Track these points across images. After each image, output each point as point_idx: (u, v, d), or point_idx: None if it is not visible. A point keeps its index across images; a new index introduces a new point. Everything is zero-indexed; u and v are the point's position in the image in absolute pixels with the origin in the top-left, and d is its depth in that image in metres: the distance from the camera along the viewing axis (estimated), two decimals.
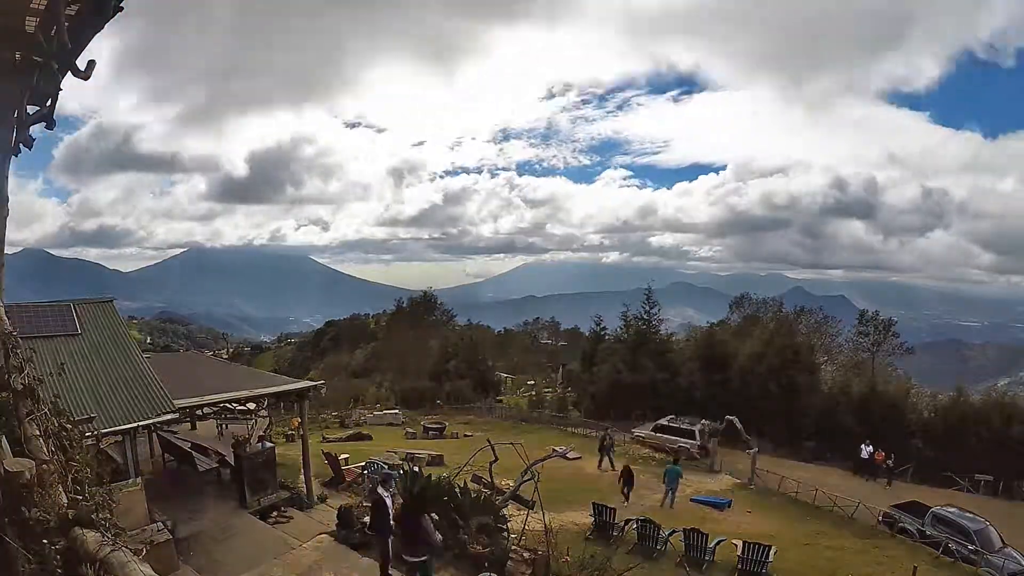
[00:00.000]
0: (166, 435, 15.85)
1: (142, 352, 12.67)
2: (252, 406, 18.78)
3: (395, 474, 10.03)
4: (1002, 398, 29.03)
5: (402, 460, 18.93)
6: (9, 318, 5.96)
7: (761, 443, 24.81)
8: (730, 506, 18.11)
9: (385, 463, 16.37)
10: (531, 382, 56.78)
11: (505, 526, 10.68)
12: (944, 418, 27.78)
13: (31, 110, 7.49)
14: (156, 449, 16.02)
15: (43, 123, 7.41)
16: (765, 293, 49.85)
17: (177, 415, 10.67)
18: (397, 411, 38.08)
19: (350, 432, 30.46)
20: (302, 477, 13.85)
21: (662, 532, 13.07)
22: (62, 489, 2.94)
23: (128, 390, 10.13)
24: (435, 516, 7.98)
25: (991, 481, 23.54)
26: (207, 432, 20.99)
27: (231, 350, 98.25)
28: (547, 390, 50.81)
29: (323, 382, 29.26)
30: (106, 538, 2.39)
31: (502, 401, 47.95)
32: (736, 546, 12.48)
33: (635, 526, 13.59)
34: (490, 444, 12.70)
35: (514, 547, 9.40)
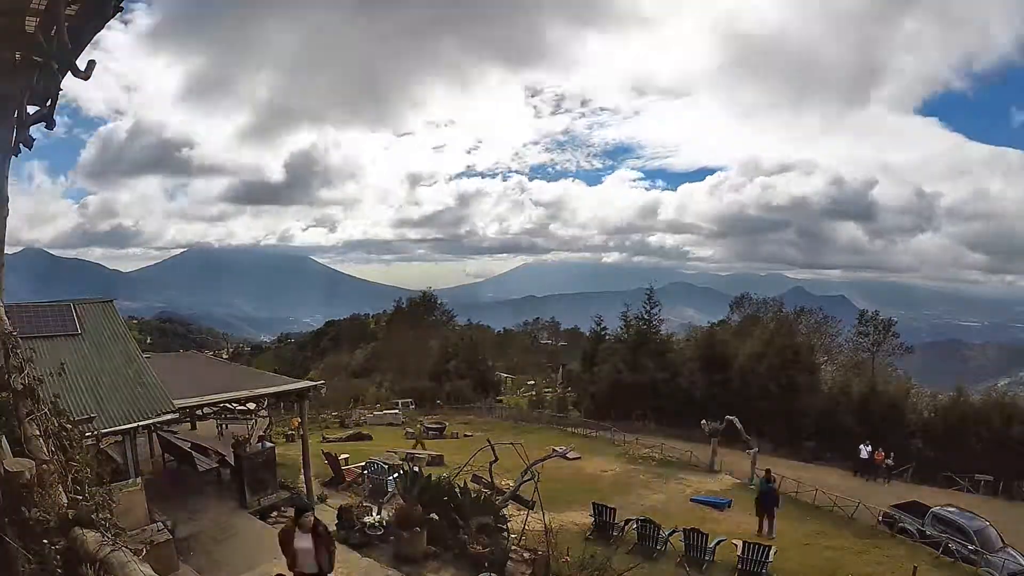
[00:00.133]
0: (166, 435, 15.84)
1: (142, 352, 12.68)
2: (252, 406, 18.78)
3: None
4: (1002, 398, 29.08)
5: (402, 460, 18.93)
6: (9, 318, 5.97)
7: (761, 443, 24.80)
8: (730, 506, 18.09)
9: (385, 463, 16.37)
10: (531, 382, 56.78)
11: (505, 526, 10.67)
12: (944, 418, 27.81)
13: (31, 110, 7.50)
14: (156, 449, 16.00)
15: (43, 123, 7.42)
16: (765, 293, 50.08)
17: (177, 415, 10.68)
18: (397, 411, 38.11)
19: (350, 432, 30.50)
20: (302, 477, 13.87)
21: (662, 532, 13.07)
22: (62, 489, 2.95)
23: (128, 390, 10.13)
24: (435, 516, 7.96)
25: (991, 481, 23.53)
26: (207, 432, 20.94)
27: (231, 350, 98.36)
28: (547, 390, 50.82)
29: (323, 382, 29.32)
30: (106, 538, 2.39)
31: (502, 401, 47.99)
32: (736, 546, 12.48)
33: (635, 526, 13.59)
34: (490, 444, 12.68)
35: (514, 547, 9.40)
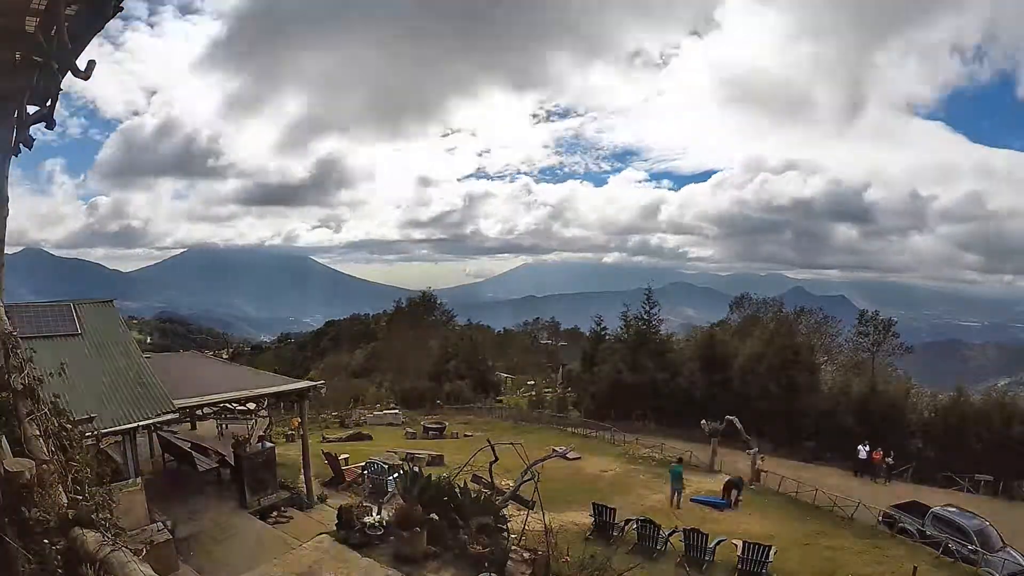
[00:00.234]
0: (166, 435, 15.87)
1: (142, 352, 12.69)
2: (252, 406, 18.80)
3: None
4: (1002, 398, 29.00)
5: (402, 460, 18.94)
6: (9, 318, 5.96)
7: (761, 443, 24.79)
8: (730, 506, 18.12)
9: (385, 463, 16.38)
10: (531, 382, 56.70)
11: (505, 526, 10.65)
12: (944, 418, 27.75)
13: (31, 110, 7.51)
14: (156, 449, 16.02)
15: (43, 123, 7.42)
16: (765, 293, 49.92)
17: (177, 415, 10.69)
18: (397, 411, 38.09)
19: (350, 432, 30.50)
20: (302, 477, 13.88)
21: (662, 532, 13.09)
22: (62, 489, 2.95)
23: (128, 390, 10.14)
24: (435, 516, 7.93)
25: (991, 481, 23.51)
26: (207, 432, 20.97)
27: (231, 350, 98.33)
28: (547, 390, 50.73)
29: (323, 382, 29.26)
30: (106, 538, 2.39)
31: (502, 401, 47.94)
32: (736, 546, 12.49)
33: (635, 526, 13.61)
34: (490, 444, 12.66)
35: (514, 547, 9.38)
